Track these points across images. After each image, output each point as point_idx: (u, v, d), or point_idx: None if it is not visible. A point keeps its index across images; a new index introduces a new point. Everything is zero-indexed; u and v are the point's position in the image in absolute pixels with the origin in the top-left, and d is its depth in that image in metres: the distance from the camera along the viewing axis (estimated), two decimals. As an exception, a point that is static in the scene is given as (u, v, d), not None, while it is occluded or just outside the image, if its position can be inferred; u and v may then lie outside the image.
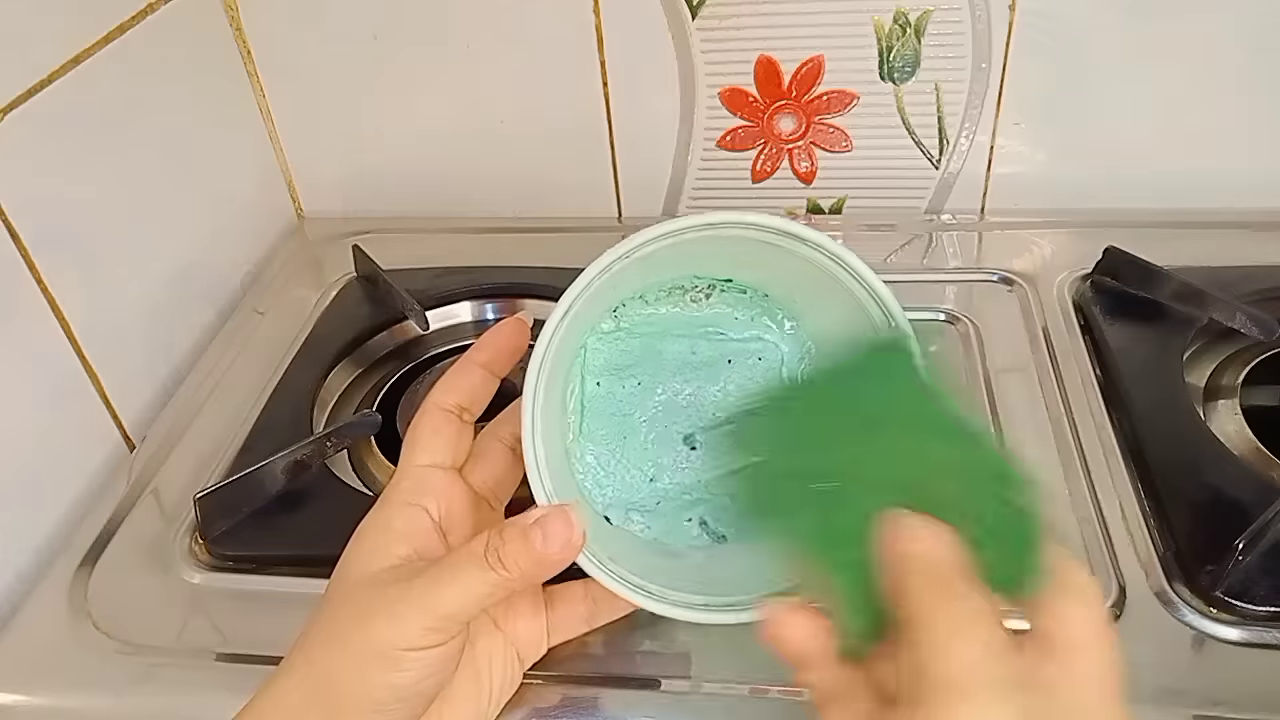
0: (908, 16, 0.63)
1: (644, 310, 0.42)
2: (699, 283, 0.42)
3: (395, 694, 0.34)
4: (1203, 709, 0.40)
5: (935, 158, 0.69)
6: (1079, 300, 0.61)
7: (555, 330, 0.36)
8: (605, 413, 0.42)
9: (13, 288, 0.52)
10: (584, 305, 0.36)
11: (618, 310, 0.42)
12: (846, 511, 0.32)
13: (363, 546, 0.38)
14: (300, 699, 0.35)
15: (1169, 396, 0.52)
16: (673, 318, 0.42)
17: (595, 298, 0.37)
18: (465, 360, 0.41)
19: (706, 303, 0.42)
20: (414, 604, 0.34)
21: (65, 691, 0.45)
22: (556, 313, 0.36)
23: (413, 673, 0.34)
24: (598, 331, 0.42)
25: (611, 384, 0.42)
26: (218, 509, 0.49)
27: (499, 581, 0.34)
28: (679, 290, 0.42)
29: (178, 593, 0.48)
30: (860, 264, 0.37)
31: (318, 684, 0.35)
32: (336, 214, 0.78)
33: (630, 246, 0.35)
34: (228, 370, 0.62)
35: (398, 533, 0.38)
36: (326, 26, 0.68)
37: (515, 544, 0.34)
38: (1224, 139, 0.66)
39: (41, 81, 0.53)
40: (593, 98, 0.69)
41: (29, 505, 0.53)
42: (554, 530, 0.34)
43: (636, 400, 0.42)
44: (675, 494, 0.42)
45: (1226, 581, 0.43)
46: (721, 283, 0.42)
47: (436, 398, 0.40)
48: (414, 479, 0.39)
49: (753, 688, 0.42)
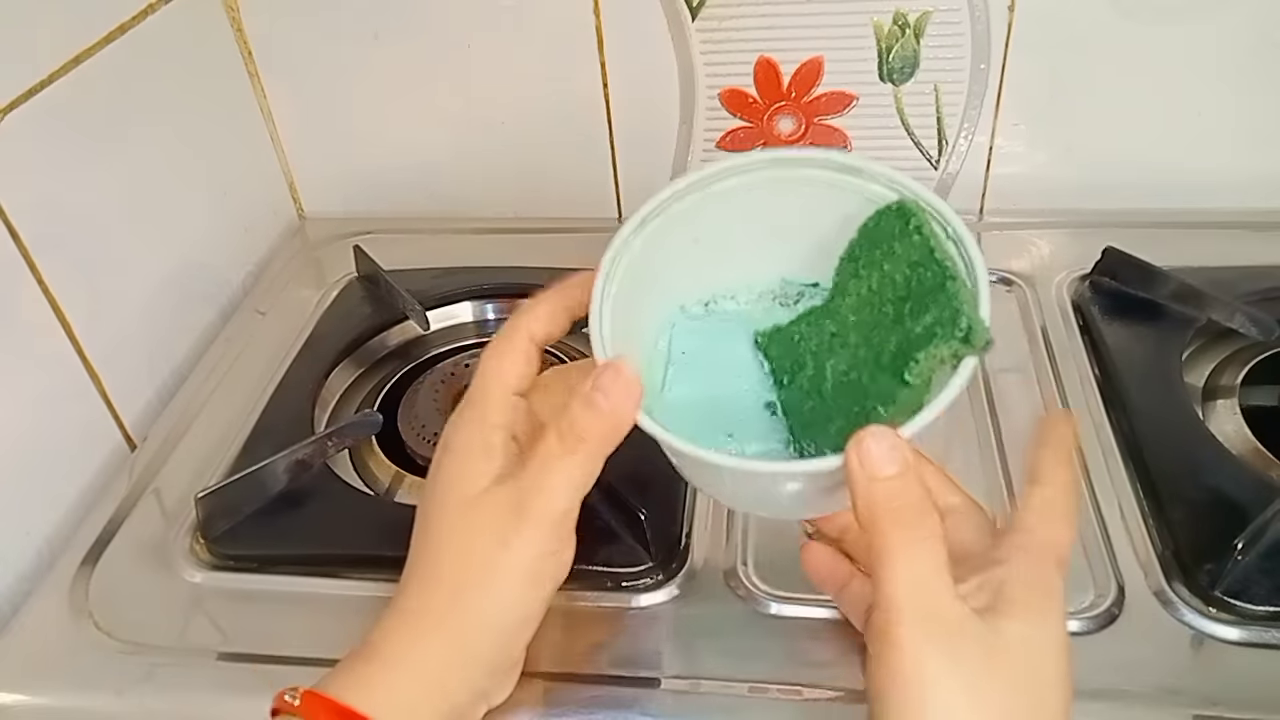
0: (907, 17, 0.63)
1: (734, 308, 0.43)
2: (788, 288, 0.43)
3: (538, 605, 0.37)
4: (1202, 709, 0.40)
5: (934, 158, 0.69)
6: (1078, 300, 0.61)
7: (632, 235, 0.39)
8: (688, 375, 0.42)
9: (14, 288, 0.52)
10: (664, 240, 0.39)
11: (709, 304, 0.43)
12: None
13: (455, 471, 0.38)
14: (439, 653, 0.36)
15: (1168, 396, 0.52)
16: (760, 316, 0.43)
17: (676, 241, 0.40)
18: (553, 299, 0.40)
19: (795, 307, 0.43)
20: (533, 513, 0.36)
21: (65, 691, 0.45)
22: (633, 219, 0.39)
23: (551, 577, 0.37)
24: (687, 312, 0.43)
25: (697, 351, 0.43)
26: (219, 508, 0.49)
27: (585, 457, 0.36)
28: (768, 295, 0.43)
29: (179, 592, 0.48)
30: (899, 175, 0.38)
31: (460, 631, 0.36)
32: (337, 214, 0.78)
33: (697, 177, 0.39)
34: (229, 370, 0.62)
35: (487, 454, 0.38)
36: (327, 26, 0.68)
37: (582, 414, 0.35)
38: (1223, 139, 0.66)
39: (42, 81, 0.53)
40: (593, 98, 0.69)
41: (30, 505, 0.53)
42: (608, 383, 0.35)
43: (719, 367, 0.43)
44: (755, 455, 0.42)
45: (1225, 581, 0.43)
46: (809, 288, 0.43)
47: (530, 325, 0.40)
48: (499, 402, 0.39)
49: (752, 687, 0.42)
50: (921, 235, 0.37)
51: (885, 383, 0.37)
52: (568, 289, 0.40)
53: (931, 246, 0.36)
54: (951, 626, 0.31)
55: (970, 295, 0.35)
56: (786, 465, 0.37)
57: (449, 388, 0.59)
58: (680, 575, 0.47)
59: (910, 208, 0.37)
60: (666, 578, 0.47)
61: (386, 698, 0.35)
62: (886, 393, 0.36)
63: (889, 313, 0.38)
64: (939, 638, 0.31)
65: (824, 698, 0.41)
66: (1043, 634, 0.32)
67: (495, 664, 0.38)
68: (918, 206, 0.37)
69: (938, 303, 0.35)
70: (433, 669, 0.36)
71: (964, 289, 0.35)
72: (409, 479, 0.55)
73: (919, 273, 0.37)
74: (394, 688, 0.35)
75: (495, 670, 0.38)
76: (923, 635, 0.31)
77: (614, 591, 0.46)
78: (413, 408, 0.58)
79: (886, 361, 0.37)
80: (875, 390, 0.37)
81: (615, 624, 0.45)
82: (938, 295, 0.36)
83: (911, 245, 0.37)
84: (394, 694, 0.35)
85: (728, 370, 0.43)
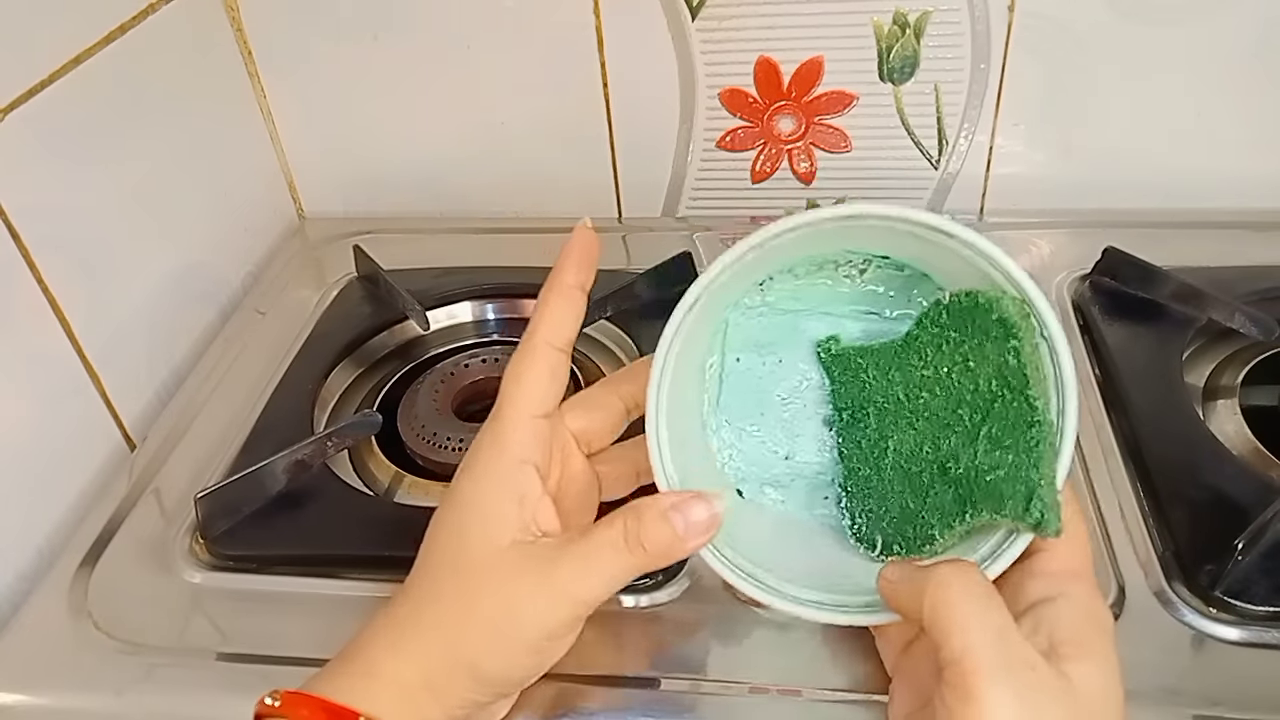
0: (907, 17, 0.63)
1: (793, 284, 0.40)
2: (853, 258, 0.39)
3: (533, 672, 0.38)
4: (1202, 709, 0.40)
5: (934, 158, 0.69)
6: (1078, 300, 0.61)
7: (683, 319, 0.36)
8: (743, 388, 0.41)
9: (13, 288, 0.52)
10: (717, 290, 0.36)
11: (764, 284, 0.41)
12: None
13: (481, 508, 0.37)
14: (425, 673, 0.35)
15: (1168, 396, 0.52)
16: (821, 294, 0.41)
17: (733, 280, 0.37)
18: (561, 285, 0.38)
19: (860, 279, 0.40)
20: (559, 594, 0.35)
21: (65, 691, 0.45)
22: (685, 301, 0.36)
23: (553, 654, 0.37)
24: (741, 306, 0.41)
25: (751, 360, 0.41)
26: (218, 509, 0.49)
27: (638, 565, 0.35)
28: (831, 265, 0.40)
29: (178, 592, 0.48)
30: (1006, 259, 0.35)
31: (448, 654, 0.36)
32: (337, 214, 0.78)
33: (765, 236, 0.34)
34: (228, 370, 0.62)
35: (516, 496, 0.37)
36: (327, 27, 0.68)
37: (655, 527, 0.35)
38: (1223, 139, 0.66)
39: (42, 81, 0.53)
40: (593, 98, 0.69)
41: (29, 505, 0.53)
42: (695, 515, 0.35)
43: (776, 378, 0.41)
44: (811, 473, 0.41)
45: (1226, 581, 0.43)
46: (878, 259, 0.39)
47: (547, 335, 0.38)
48: (527, 432, 0.37)
49: (752, 687, 0.42)
50: (1019, 361, 0.34)
51: (945, 502, 0.36)
52: (572, 267, 0.39)
53: (1027, 376, 0.34)
54: (1030, 679, 0.30)
55: (1051, 456, 0.33)
56: (836, 617, 0.37)
57: (449, 388, 0.59)
58: (681, 576, 0.47)
59: (1012, 319, 0.34)
60: (667, 578, 0.47)
61: (365, 700, 0.35)
62: (944, 513, 0.36)
63: (963, 419, 0.36)
64: (1020, 691, 0.30)
65: (824, 698, 0.41)
66: (1104, 671, 0.32)
67: (473, 702, 0.37)
68: (1022, 315, 0.34)
69: (1016, 454, 0.34)
70: (411, 682, 0.35)
71: (1046, 447, 0.33)
72: (409, 479, 0.55)
73: (1005, 397, 0.34)
74: (371, 693, 0.35)
75: (471, 705, 0.37)
76: (1005, 691, 0.30)
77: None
78: (413, 408, 0.58)
79: (951, 479, 0.36)
80: (933, 503, 0.36)
81: (615, 624, 0.45)
82: (1018, 439, 0.34)
83: (1005, 362, 0.34)
84: (373, 700, 0.35)
85: (784, 382, 0.41)
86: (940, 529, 0.36)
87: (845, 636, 0.43)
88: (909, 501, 0.38)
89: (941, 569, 0.32)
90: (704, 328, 0.40)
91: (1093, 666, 0.31)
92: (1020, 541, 0.34)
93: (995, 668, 0.30)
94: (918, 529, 0.37)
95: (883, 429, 0.39)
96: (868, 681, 0.41)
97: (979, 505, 0.35)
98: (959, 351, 0.36)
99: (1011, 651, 0.31)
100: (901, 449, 0.38)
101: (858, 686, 0.41)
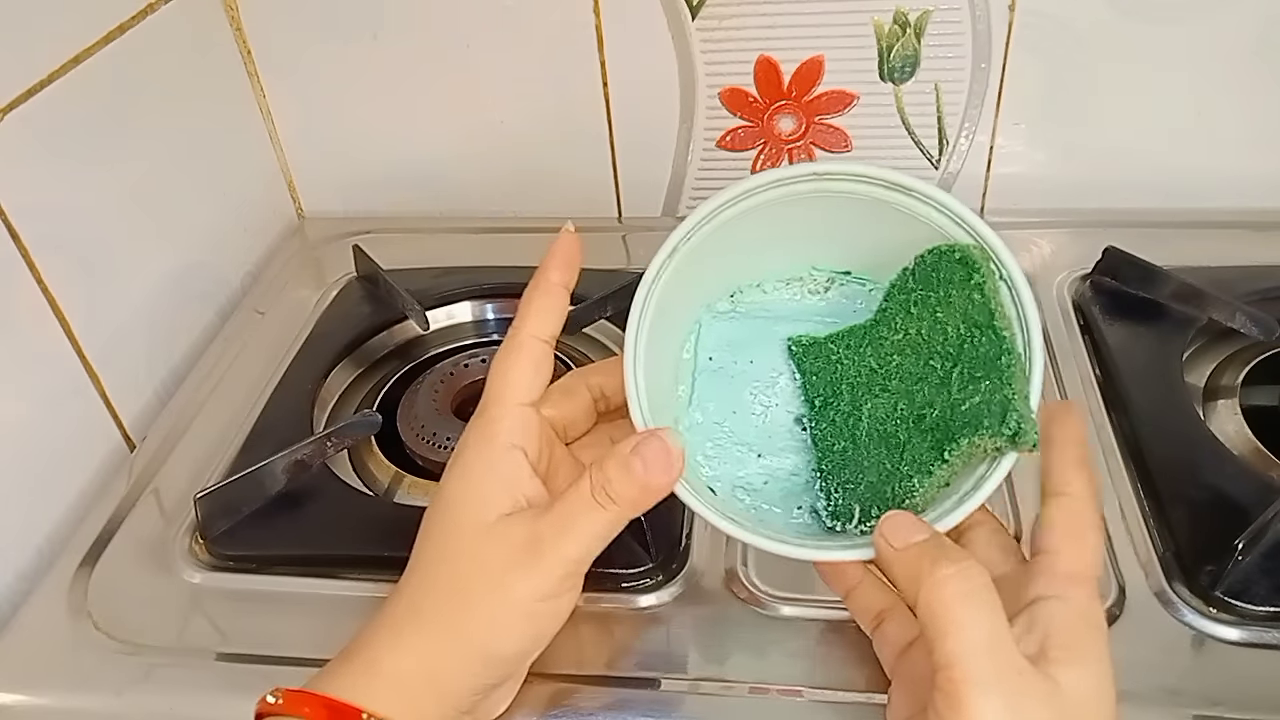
0: (907, 16, 0.63)
1: (761, 297, 0.42)
2: (818, 275, 0.42)
3: (534, 642, 0.37)
4: (1202, 709, 0.40)
5: (935, 158, 0.69)
6: (1078, 300, 0.61)
7: (662, 267, 0.37)
8: (716, 386, 0.42)
9: (13, 288, 0.52)
10: (693, 263, 0.38)
11: (734, 295, 0.43)
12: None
13: (470, 493, 0.38)
14: (428, 665, 0.36)
15: (1168, 396, 0.52)
16: (790, 306, 0.42)
17: (706, 259, 0.38)
18: (545, 283, 0.39)
19: (825, 295, 0.42)
20: (546, 557, 0.36)
21: (65, 691, 0.45)
22: (664, 249, 0.37)
23: (551, 620, 0.37)
24: (713, 310, 0.42)
25: (724, 359, 0.42)
26: (218, 509, 0.49)
27: (612, 517, 0.36)
28: (797, 281, 0.42)
29: (178, 593, 0.48)
30: (960, 205, 0.37)
31: (448, 640, 0.36)
32: (337, 214, 0.78)
33: (736, 192, 0.37)
34: (228, 370, 0.62)
35: (504, 479, 0.37)
36: (327, 27, 0.68)
37: (618, 475, 0.35)
38: (1223, 139, 0.66)
39: (41, 81, 0.53)
40: (593, 98, 0.69)
41: (29, 505, 0.53)
42: (652, 455, 0.35)
43: (748, 377, 0.42)
44: (784, 475, 0.41)
45: (1226, 581, 0.43)
46: (840, 275, 0.41)
47: (534, 329, 0.39)
48: (515, 419, 0.38)
49: (752, 687, 0.42)
50: (983, 295, 0.35)
51: (922, 451, 0.36)
52: (557, 266, 0.39)
53: (992, 310, 0.35)
54: (1018, 686, 0.31)
55: (1023, 378, 0.34)
56: (818, 553, 0.37)
57: (448, 388, 0.59)
58: (681, 576, 0.47)
59: (974, 258, 0.36)
60: (667, 578, 0.47)
61: (366, 697, 0.35)
62: (922, 463, 0.36)
63: (935, 369, 0.37)
64: (1009, 699, 0.30)
65: (824, 698, 0.41)
66: (1095, 675, 0.32)
67: (480, 686, 0.37)
68: (983, 257, 0.36)
69: (989, 380, 0.34)
70: (412, 676, 0.36)
71: (1018, 370, 0.34)
72: (408, 479, 0.55)
73: (974, 336, 0.35)
74: (372, 690, 0.35)
75: (479, 690, 0.37)
76: (994, 701, 0.30)
77: (614, 592, 0.46)
78: (412, 408, 0.58)
79: (926, 427, 0.36)
80: (911, 455, 0.36)
81: (615, 625, 0.45)
82: (990, 371, 0.34)
83: (970, 302, 0.36)
84: (374, 696, 0.35)
85: (757, 381, 0.42)
86: (920, 478, 0.36)
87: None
88: (885, 462, 0.37)
89: (941, 565, 0.32)
90: (676, 321, 0.41)
91: (1084, 671, 0.32)
92: (1001, 467, 0.34)
93: (985, 676, 0.30)
94: (897, 486, 0.37)
95: (856, 400, 0.39)
96: (868, 682, 0.41)
97: (956, 438, 0.35)
98: (926, 307, 0.37)
99: (1002, 659, 0.31)
100: (876, 414, 0.38)
101: (858, 687, 0.41)
